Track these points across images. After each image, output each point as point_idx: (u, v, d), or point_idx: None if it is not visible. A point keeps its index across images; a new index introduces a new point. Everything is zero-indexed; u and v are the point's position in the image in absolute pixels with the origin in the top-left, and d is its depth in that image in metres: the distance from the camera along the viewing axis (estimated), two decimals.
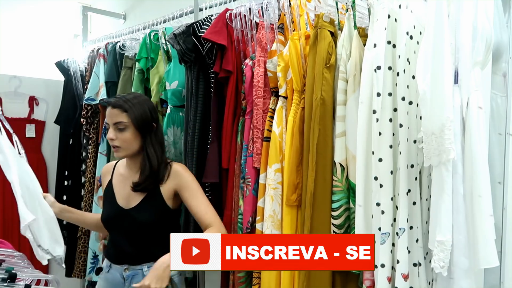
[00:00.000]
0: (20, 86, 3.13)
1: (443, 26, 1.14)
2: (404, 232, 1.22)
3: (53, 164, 3.16)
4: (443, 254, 1.12)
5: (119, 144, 1.62)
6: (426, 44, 1.15)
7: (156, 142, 1.66)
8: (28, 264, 1.55)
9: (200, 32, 1.85)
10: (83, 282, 3.05)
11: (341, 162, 1.42)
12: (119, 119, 1.60)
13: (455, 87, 1.19)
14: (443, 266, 1.12)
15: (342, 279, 1.51)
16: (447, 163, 1.12)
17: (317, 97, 1.43)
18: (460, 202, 1.16)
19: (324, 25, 1.46)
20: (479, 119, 1.16)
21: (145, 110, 1.64)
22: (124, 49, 2.44)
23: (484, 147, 1.16)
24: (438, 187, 1.15)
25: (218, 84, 1.87)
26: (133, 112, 1.60)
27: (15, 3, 3.60)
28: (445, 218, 1.13)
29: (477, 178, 1.14)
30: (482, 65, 1.20)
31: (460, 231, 1.16)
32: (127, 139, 1.61)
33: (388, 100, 1.25)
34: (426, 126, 1.13)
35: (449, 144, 1.09)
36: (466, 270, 1.16)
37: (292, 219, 1.55)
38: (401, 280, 1.22)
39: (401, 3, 1.25)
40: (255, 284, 1.65)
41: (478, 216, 1.14)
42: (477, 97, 1.17)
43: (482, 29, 1.17)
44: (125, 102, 1.61)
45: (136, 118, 1.60)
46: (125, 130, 1.60)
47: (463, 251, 1.16)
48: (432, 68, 1.13)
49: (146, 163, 1.63)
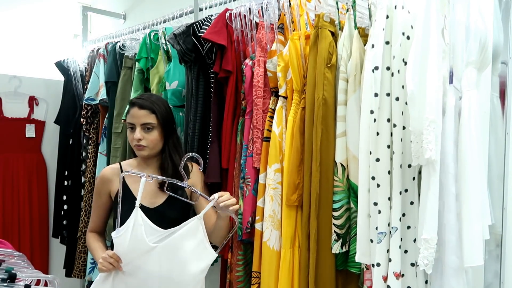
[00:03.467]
0: (20, 86, 3.14)
1: (430, 26, 1.15)
2: (397, 231, 1.23)
3: (53, 164, 3.17)
4: (427, 252, 1.13)
5: (146, 144, 1.66)
6: (415, 45, 1.17)
7: (178, 142, 1.75)
8: (28, 264, 1.55)
9: (200, 32, 1.85)
10: (83, 282, 3.06)
11: (342, 162, 1.42)
12: (148, 120, 1.65)
13: (450, 87, 1.20)
14: (427, 264, 1.14)
15: (342, 279, 1.51)
16: (435, 163, 1.13)
17: (319, 97, 1.43)
18: (452, 201, 1.17)
19: (325, 25, 1.46)
20: (470, 119, 1.17)
21: (169, 111, 1.73)
22: (124, 49, 2.44)
23: (474, 147, 1.16)
24: (426, 186, 1.17)
25: (218, 84, 1.88)
26: (161, 113, 1.67)
27: (15, 3, 3.60)
28: (430, 217, 1.14)
29: (465, 178, 1.16)
30: (477, 65, 1.21)
31: (452, 230, 1.17)
32: (154, 139, 1.67)
33: (386, 101, 1.25)
34: (414, 126, 1.14)
35: (426, 144, 1.11)
36: (456, 269, 1.17)
37: (292, 219, 1.55)
38: (393, 279, 1.23)
39: (397, 3, 1.25)
40: (254, 283, 1.65)
41: (465, 216, 1.15)
42: (469, 97, 1.18)
43: (475, 28, 1.18)
44: (152, 103, 1.67)
45: (163, 119, 1.67)
46: (153, 130, 1.66)
47: (454, 250, 1.17)
48: (419, 69, 1.15)
49: (168, 163, 1.69)
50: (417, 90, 1.14)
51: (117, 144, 2.37)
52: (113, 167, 1.79)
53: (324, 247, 1.44)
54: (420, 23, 1.16)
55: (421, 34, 1.15)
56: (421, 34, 1.15)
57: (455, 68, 1.21)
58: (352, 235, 1.42)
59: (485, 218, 1.25)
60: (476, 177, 1.16)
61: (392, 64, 1.25)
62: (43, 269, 1.69)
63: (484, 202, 1.23)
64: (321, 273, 1.44)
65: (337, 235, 1.43)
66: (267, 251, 1.58)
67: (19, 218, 3.05)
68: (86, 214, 2.62)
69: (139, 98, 1.70)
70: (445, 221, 1.17)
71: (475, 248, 1.14)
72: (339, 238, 1.43)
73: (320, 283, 1.44)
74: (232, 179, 1.80)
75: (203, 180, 1.80)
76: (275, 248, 1.57)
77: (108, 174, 1.75)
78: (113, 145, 2.38)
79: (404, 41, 1.24)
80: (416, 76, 1.14)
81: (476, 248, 1.14)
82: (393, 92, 1.25)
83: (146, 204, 1.67)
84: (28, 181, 3.11)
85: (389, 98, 1.25)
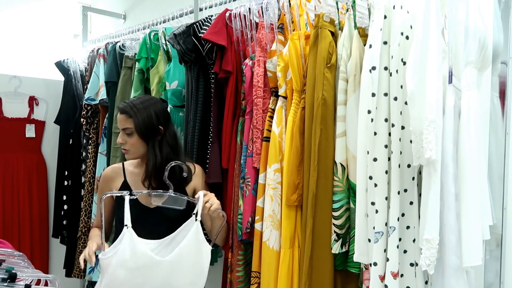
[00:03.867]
0: (20, 86, 3.13)
1: (430, 26, 1.15)
2: (395, 231, 1.23)
3: (53, 164, 3.16)
4: (429, 252, 1.14)
5: (128, 148, 1.68)
6: (414, 45, 1.17)
7: (166, 145, 1.69)
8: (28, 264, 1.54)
9: (200, 32, 1.85)
10: (83, 282, 3.06)
11: (342, 162, 1.42)
12: (126, 124, 1.66)
13: (449, 87, 1.20)
14: (429, 264, 1.14)
15: (342, 279, 1.51)
16: (435, 163, 1.14)
17: (318, 97, 1.43)
18: (452, 201, 1.18)
19: (325, 25, 1.46)
20: (470, 118, 1.17)
21: (150, 115, 1.67)
22: (124, 49, 2.44)
23: (473, 147, 1.16)
24: (427, 186, 1.17)
25: (218, 84, 1.88)
26: (137, 118, 1.65)
27: (15, 3, 3.60)
28: (431, 217, 1.14)
29: (464, 178, 1.16)
30: (477, 65, 1.21)
31: (452, 230, 1.17)
32: (134, 143, 1.67)
33: (384, 100, 1.25)
34: (414, 126, 1.15)
35: (426, 144, 1.11)
36: (457, 269, 1.17)
37: (291, 219, 1.55)
38: (391, 278, 1.23)
39: (395, 3, 1.25)
40: (254, 283, 1.65)
41: (464, 215, 1.15)
42: (468, 96, 1.18)
43: (474, 28, 1.18)
44: (131, 108, 1.66)
45: (139, 124, 1.65)
46: (132, 135, 1.66)
47: (454, 250, 1.17)
48: (419, 68, 1.15)
49: (149, 167, 1.67)
50: (417, 90, 1.14)
51: (117, 144, 2.34)
52: (115, 166, 1.82)
53: (323, 247, 1.44)
54: (420, 23, 1.16)
55: (421, 34, 1.15)
56: (421, 34, 1.15)
57: (454, 68, 1.21)
58: (352, 235, 1.42)
59: (485, 218, 1.25)
60: (475, 177, 1.16)
61: (390, 64, 1.25)
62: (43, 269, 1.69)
63: (484, 202, 1.23)
64: (319, 273, 1.44)
65: (337, 235, 1.43)
66: (266, 251, 1.58)
67: (19, 218, 3.05)
68: (86, 214, 2.62)
69: (124, 102, 1.71)
70: (445, 221, 1.17)
71: (474, 248, 1.14)
72: (339, 238, 1.43)
73: (318, 283, 1.44)
74: (232, 179, 1.80)
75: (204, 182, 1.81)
76: (274, 248, 1.57)
77: (109, 173, 1.78)
78: (113, 145, 2.38)
79: (403, 41, 1.24)
80: (416, 76, 1.14)
81: (475, 248, 1.14)
82: (392, 92, 1.25)
83: (146, 204, 1.67)
84: (28, 181, 3.10)
85: (387, 98, 1.25)
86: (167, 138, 1.70)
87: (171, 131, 1.74)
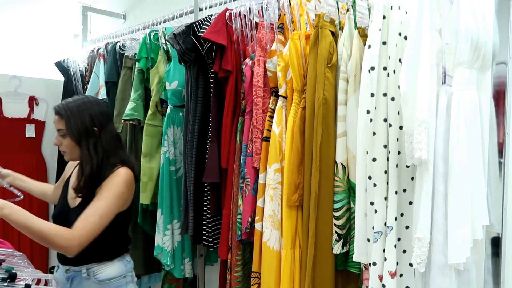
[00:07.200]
0: (20, 86, 3.14)
1: (423, 26, 1.15)
2: (392, 231, 1.23)
3: (53, 164, 3.17)
4: (420, 251, 1.15)
5: (64, 150, 1.62)
6: (408, 45, 1.17)
7: (100, 147, 1.59)
8: (28, 264, 1.54)
9: (200, 32, 1.85)
10: None
11: (343, 162, 1.42)
12: (59, 126, 1.59)
13: (442, 87, 1.20)
14: (420, 262, 1.15)
15: (342, 279, 1.51)
16: (428, 163, 1.14)
17: (319, 97, 1.43)
18: (440, 200, 1.18)
19: (325, 24, 1.46)
20: (459, 118, 1.17)
21: (83, 117, 1.57)
22: (124, 49, 2.44)
23: (462, 147, 1.17)
24: (419, 185, 1.18)
25: (218, 84, 1.88)
26: (69, 119, 1.57)
27: (15, 3, 3.60)
28: (423, 216, 1.15)
29: (452, 177, 1.16)
30: (470, 65, 1.21)
31: (439, 229, 1.18)
32: (67, 145, 1.59)
33: (383, 101, 1.26)
34: (407, 126, 1.15)
35: (416, 144, 1.12)
36: (442, 267, 1.18)
37: (292, 219, 1.55)
38: (388, 278, 1.23)
39: (393, 4, 1.25)
40: (254, 284, 1.64)
41: (450, 214, 1.16)
42: (458, 97, 1.18)
43: (465, 29, 1.18)
44: (64, 110, 1.58)
45: (70, 126, 1.56)
46: (66, 137, 1.59)
47: (441, 248, 1.18)
48: (412, 69, 1.15)
49: (81, 169, 1.59)
50: (409, 91, 1.15)
51: None
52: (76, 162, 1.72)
53: (324, 248, 1.44)
54: (413, 23, 1.16)
55: (414, 34, 1.16)
56: (414, 34, 1.16)
57: (446, 68, 1.21)
58: (352, 235, 1.42)
59: (478, 218, 1.24)
60: (464, 177, 1.16)
61: (388, 64, 1.25)
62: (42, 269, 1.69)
63: (479, 202, 1.23)
64: (321, 273, 1.44)
65: (338, 236, 1.43)
66: (267, 251, 1.58)
67: None
68: None
69: (60, 103, 1.62)
70: (434, 220, 1.18)
71: (458, 246, 1.15)
72: (340, 238, 1.43)
73: (320, 284, 1.44)
74: (232, 179, 1.80)
75: (111, 188, 1.55)
76: (275, 248, 1.57)
77: (69, 164, 1.83)
78: None
79: (400, 41, 1.25)
80: (409, 76, 1.15)
81: (459, 246, 1.15)
82: (389, 92, 1.25)
83: (70, 203, 1.64)
84: None
85: (386, 98, 1.26)
86: (102, 140, 1.60)
87: (108, 132, 1.62)
